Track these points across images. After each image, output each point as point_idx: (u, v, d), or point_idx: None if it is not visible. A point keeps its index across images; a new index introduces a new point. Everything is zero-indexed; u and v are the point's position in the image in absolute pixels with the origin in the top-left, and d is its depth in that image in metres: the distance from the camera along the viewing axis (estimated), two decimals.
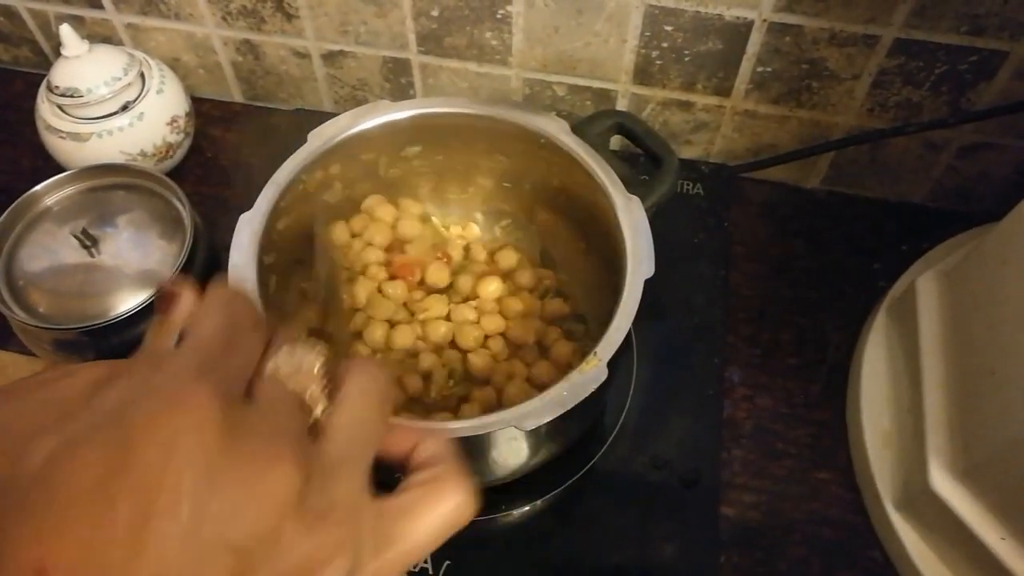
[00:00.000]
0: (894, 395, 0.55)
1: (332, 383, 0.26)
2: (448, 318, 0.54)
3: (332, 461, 0.23)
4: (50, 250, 0.57)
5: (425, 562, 0.50)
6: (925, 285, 0.55)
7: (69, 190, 0.60)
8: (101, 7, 0.70)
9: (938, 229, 0.63)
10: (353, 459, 0.24)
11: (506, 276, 0.56)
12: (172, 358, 0.22)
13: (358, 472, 0.24)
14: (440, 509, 0.26)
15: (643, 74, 0.64)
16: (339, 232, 0.56)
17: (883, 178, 0.68)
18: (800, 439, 0.57)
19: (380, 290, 0.55)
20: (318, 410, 0.25)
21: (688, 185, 0.68)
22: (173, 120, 0.68)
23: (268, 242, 0.48)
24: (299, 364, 0.25)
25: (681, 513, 0.53)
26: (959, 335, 0.51)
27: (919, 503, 0.50)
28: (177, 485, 0.19)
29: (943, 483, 0.48)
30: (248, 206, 0.49)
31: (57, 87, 0.63)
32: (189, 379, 0.21)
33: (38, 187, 0.59)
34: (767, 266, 0.66)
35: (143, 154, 0.66)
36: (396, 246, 0.57)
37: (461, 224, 0.60)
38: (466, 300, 0.55)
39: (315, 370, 0.25)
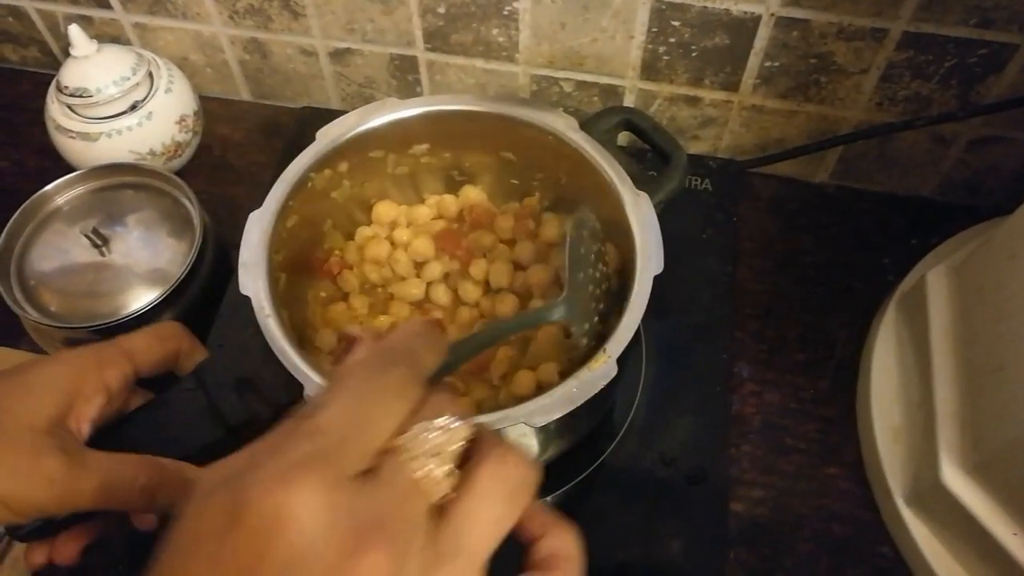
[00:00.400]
0: (904, 390, 0.55)
1: (469, 462, 0.25)
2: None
3: (445, 552, 0.24)
4: (61, 249, 0.57)
5: None
6: (935, 280, 0.55)
7: (79, 190, 0.60)
8: (109, 7, 0.70)
9: (947, 223, 0.63)
10: (470, 553, 0.24)
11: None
12: (293, 445, 0.24)
13: (472, 568, 0.24)
14: None
15: (650, 70, 0.64)
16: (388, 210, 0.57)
17: (892, 172, 0.68)
18: (808, 434, 0.57)
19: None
20: (440, 494, 0.25)
21: (696, 181, 0.68)
22: (181, 119, 0.68)
23: (278, 240, 0.48)
24: (431, 444, 0.25)
25: (689, 510, 0.53)
26: (969, 330, 0.51)
27: (930, 498, 0.50)
28: (272, 562, 0.22)
29: (954, 478, 0.48)
30: (257, 204, 0.49)
31: (66, 87, 0.63)
32: (300, 466, 0.23)
33: (48, 187, 0.59)
34: (775, 261, 0.65)
35: (152, 153, 0.67)
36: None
37: None
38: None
39: (448, 450, 0.25)
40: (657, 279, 0.45)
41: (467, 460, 0.26)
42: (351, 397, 0.25)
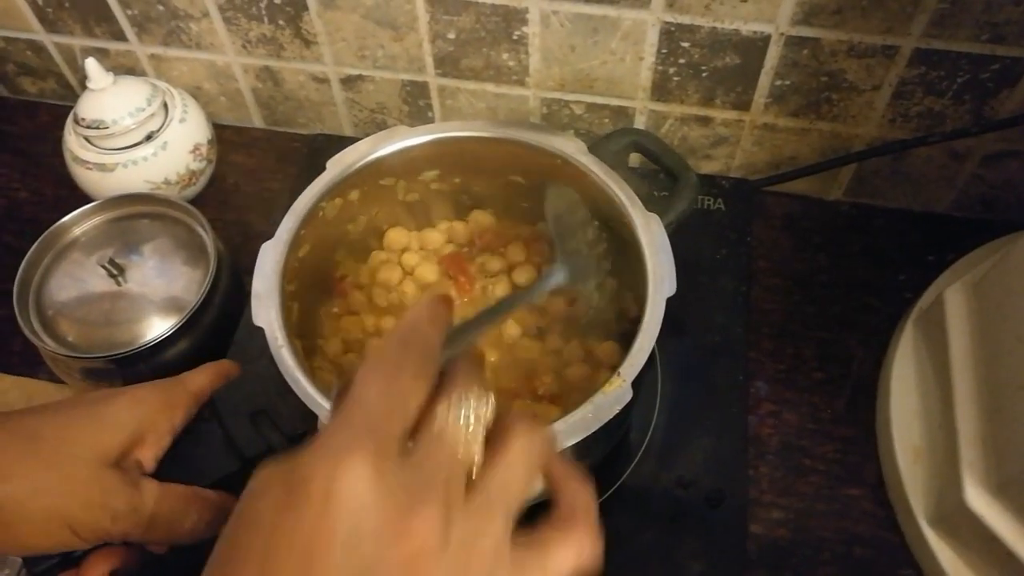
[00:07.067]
0: (924, 409, 0.54)
1: (494, 436, 0.29)
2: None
3: (479, 511, 0.27)
4: (78, 279, 0.58)
5: None
6: (953, 297, 0.54)
7: (96, 220, 0.61)
8: (125, 39, 0.71)
9: (964, 239, 0.63)
10: (500, 512, 0.27)
11: None
12: (337, 428, 0.26)
13: (503, 522, 0.27)
14: (569, 553, 0.29)
15: (661, 90, 0.64)
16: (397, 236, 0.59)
17: (906, 189, 0.67)
18: (827, 455, 0.57)
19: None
20: (475, 463, 0.28)
21: (709, 200, 0.68)
22: (196, 148, 0.69)
23: (290, 270, 0.48)
24: (463, 421, 0.28)
25: (708, 532, 0.52)
26: (989, 347, 0.51)
27: (954, 519, 0.49)
28: (332, 531, 0.24)
29: (978, 499, 0.47)
30: (270, 231, 0.49)
31: (83, 119, 0.64)
32: (346, 447, 0.25)
33: (66, 218, 0.60)
34: (790, 280, 0.65)
35: (167, 182, 0.67)
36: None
37: None
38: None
39: (478, 427, 0.28)
40: (671, 300, 0.45)
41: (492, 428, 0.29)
42: (380, 387, 0.27)
